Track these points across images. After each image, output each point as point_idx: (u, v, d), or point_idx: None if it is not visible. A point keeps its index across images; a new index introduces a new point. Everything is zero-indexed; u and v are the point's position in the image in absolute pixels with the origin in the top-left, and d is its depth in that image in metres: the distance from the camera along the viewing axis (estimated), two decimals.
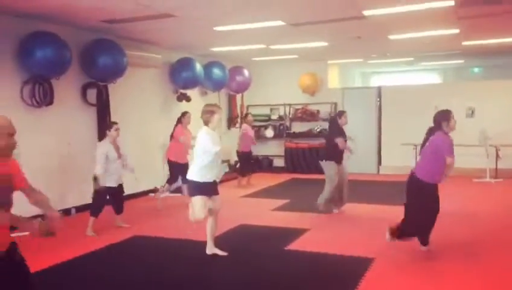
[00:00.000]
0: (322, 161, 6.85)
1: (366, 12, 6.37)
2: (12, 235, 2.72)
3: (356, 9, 6.20)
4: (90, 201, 6.17)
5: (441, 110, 4.77)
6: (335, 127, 6.90)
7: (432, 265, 4.49)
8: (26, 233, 6.11)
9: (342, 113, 7.00)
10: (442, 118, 4.63)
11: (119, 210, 6.27)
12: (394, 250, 4.92)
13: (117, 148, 6.05)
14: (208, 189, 4.71)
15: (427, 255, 4.75)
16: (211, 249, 4.93)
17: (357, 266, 4.54)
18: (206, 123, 4.71)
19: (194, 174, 4.70)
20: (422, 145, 4.86)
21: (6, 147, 2.67)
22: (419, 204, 4.64)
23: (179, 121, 7.76)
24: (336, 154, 6.74)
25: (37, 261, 3.03)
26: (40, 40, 6.25)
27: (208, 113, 4.69)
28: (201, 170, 4.66)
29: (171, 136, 7.73)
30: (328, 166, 6.74)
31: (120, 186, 6.20)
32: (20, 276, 2.73)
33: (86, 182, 6.46)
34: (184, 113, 7.76)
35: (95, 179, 5.85)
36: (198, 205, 4.65)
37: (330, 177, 6.72)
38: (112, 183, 6.00)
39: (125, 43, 7.65)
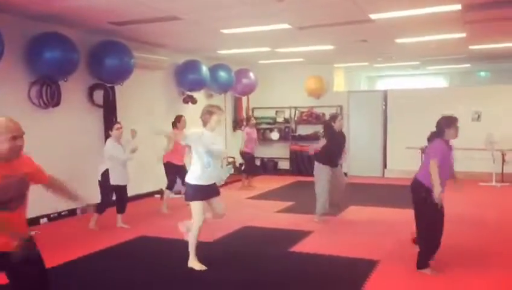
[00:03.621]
0: (317, 163, 6.58)
1: (373, 16, 6.38)
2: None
3: (363, 13, 6.21)
4: (95, 202, 6.18)
5: (446, 115, 4.53)
6: (329, 131, 6.60)
7: (437, 269, 4.46)
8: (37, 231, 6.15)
9: (335, 117, 6.64)
10: (445, 124, 4.38)
11: (121, 209, 6.37)
12: (400, 253, 4.91)
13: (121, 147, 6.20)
14: (204, 192, 4.56)
15: (433, 259, 4.73)
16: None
17: (362, 268, 4.53)
18: (204, 124, 4.59)
19: (189, 176, 4.59)
20: (425, 150, 4.76)
21: (10, 150, 2.65)
22: (424, 213, 4.36)
23: (174, 125, 7.54)
24: (330, 158, 6.48)
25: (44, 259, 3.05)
26: (48, 41, 6.31)
27: (206, 114, 4.57)
28: (196, 172, 4.53)
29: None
30: (320, 169, 6.49)
31: (125, 186, 6.34)
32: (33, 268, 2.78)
33: (91, 182, 6.49)
34: (179, 117, 7.55)
35: (103, 176, 6.06)
36: (195, 210, 4.54)
37: (321, 182, 6.46)
38: (119, 182, 6.17)
39: (132, 45, 7.71)
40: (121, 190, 6.28)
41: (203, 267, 4.57)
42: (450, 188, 4.54)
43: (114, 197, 6.36)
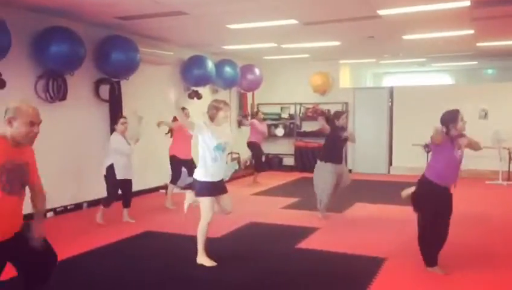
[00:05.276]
0: (320, 161, 6.53)
1: (381, 12, 6.33)
2: None
3: (371, 9, 6.16)
4: (101, 196, 6.38)
5: (448, 110, 4.35)
6: (332, 128, 6.49)
7: (444, 267, 4.44)
8: None
9: (339, 115, 6.60)
10: (449, 120, 4.23)
11: (127, 203, 6.39)
12: (406, 251, 4.89)
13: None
14: (213, 189, 4.55)
15: (440, 258, 4.70)
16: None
17: (369, 266, 4.51)
18: (211, 119, 4.58)
19: (198, 173, 4.59)
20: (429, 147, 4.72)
21: (26, 135, 2.67)
22: (429, 210, 4.30)
23: (176, 118, 7.80)
24: (333, 155, 6.43)
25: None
26: (55, 35, 6.29)
27: (213, 109, 4.55)
28: (205, 168, 4.51)
29: (171, 132, 7.63)
30: (322, 168, 6.45)
31: (131, 180, 6.37)
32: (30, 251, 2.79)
33: (97, 177, 6.51)
34: (182, 109, 7.89)
35: (108, 170, 6.10)
36: (204, 206, 4.53)
37: (324, 179, 6.39)
38: (125, 176, 6.22)
39: (138, 40, 7.69)
40: (126, 184, 6.30)
41: (214, 263, 4.53)
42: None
43: (120, 192, 6.36)
